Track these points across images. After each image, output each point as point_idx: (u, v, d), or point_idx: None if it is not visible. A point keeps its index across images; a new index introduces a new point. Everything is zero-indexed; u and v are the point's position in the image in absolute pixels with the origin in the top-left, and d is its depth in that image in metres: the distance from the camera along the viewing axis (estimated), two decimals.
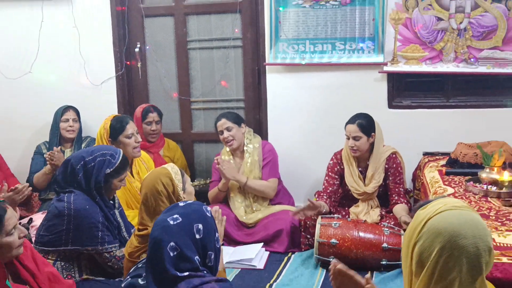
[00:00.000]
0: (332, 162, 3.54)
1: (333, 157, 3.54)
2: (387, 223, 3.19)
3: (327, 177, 3.52)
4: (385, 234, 3.06)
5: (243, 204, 3.63)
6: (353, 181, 3.43)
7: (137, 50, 4.19)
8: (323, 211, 3.29)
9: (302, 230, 3.38)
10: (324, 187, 3.51)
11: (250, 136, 3.72)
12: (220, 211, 2.33)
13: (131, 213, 3.15)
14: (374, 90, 3.83)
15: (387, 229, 3.10)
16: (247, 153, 3.66)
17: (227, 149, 3.72)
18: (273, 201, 3.72)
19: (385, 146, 3.45)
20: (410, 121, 3.82)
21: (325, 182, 3.52)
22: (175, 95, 4.26)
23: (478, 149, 3.13)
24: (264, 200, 3.67)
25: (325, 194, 3.47)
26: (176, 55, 4.24)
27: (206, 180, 4.03)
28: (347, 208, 3.52)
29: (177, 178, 2.36)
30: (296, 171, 3.88)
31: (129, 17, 4.17)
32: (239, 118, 3.73)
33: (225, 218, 2.32)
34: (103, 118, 3.47)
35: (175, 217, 1.77)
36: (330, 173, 3.52)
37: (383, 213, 3.39)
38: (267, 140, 3.96)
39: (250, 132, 3.75)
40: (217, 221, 2.31)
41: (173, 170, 2.38)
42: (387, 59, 3.74)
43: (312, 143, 3.96)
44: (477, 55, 3.63)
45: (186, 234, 1.75)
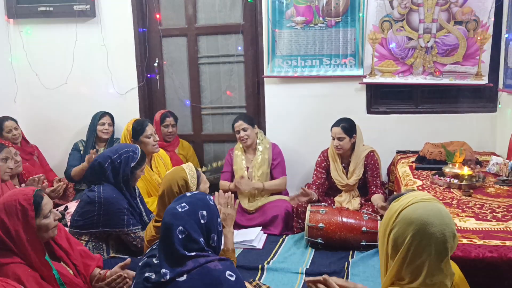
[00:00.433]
0: (319, 158, 3.53)
1: (321, 155, 3.54)
2: (366, 210, 3.19)
3: (315, 172, 3.52)
4: (364, 219, 3.06)
5: (248, 194, 3.61)
6: (337, 175, 3.42)
7: (156, 65, 4.19)
8: (313, 199, 3.31)
9: (294, 215, 3.37)
10: (313, 180, 3.51)
11: (261, 136, 3.70)
12: (232, 196, 2.32)
13: (150, 200, 3.16)
14: (355, 98, 3.82)
15: (366, 215, 3.09)
16: (258, 151, 3.63)
17: (241, 146, 3.70)
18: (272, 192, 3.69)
19: (365, 145, 3.44)
20: (385, 124, 3.81)
21: (314, 175, 3.52)
22: (188, 102, 4.26)
23: (442, 148, 3.11)
24: (265, 191, 3.64)
25: (314, 185, 3.46)
26: (188, 69, 4.22)
27: (217, 163, 4.10)
28: (332, 197, 3.51)
29: (192, 181, 2.28)
30: (289, 166, 3.85)
31: (149, 37, 4.16)
32: (253, 120, 3.72)
33: (238, 201, 2.30)
34: (127, 121, 3.47)
35: (183, 205, 1.76)
36: (318, 168, 3.51)
37: (363, 202, 3.38)
38: None
39: (261, 133, 3.73)
40: (229, 205, 2.32)
41: (190, 173, 2.29)
42: (366, 72, 3.72)
43: (303, 143, 3.94)
44: (441, 69, 3.61)
45: (192, 219, 1.73)
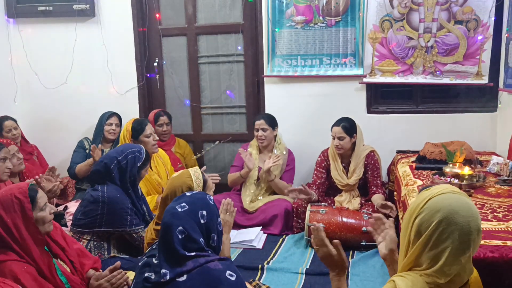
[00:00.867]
0: (320, 158, 3.52)
1: (321, 154, 3.53)
2: (366, 210, 3.18)
3: (315, 171, 3.51)
4: (364, 219, 3.04)
5: (252, 192, 3.60)
6: (338, 175, 3.41)
7: (155, 64, 4.17)
8: (313, 199, 3.30)
9: (294, 215, 3.35)
10: (313, 179, 3.50)
11: (280, 140, 3.68)
12: (232, 203, 2.28)
13: (149, 198, 3.16)
14: (355, 98, 3.81)
15: (366, 215, 3.08)
16: (273, 155, 3.58)
17: (257, 144, 3.68)
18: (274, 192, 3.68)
19: (365, 145, 3.43)
20: (385, 124, 3.80)
21: (314, 175, 3.51)
22: (187, 102, 4.25)
23: (443, 147, 3.10)
24: (268, 191, 3.64)
25: (314, 185, 3.45)
26: (188, 68, 4.21)
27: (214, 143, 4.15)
28: (332, 197, 3.49)
29: (198, 190, 2.18)
30: None
31: (149, 36, 4.15)
32: (275, 122, 3.66)
33: (235, 209, 2.28)
34: (127, 121, 3.46)
35: (183, 205, 1.74)
36: (318, 168, 3.50)
37: (363, 202, 3.37)
38: None
39: (280, 137, 3.71)
40: (228, 213, 2.26)
41: (196, 181, 2.21)
42: (366, 72, 3.71)
43: (303, 142, 3.93)
44: (442, 69, 3.61)
45: (192, 219, 1.71)
